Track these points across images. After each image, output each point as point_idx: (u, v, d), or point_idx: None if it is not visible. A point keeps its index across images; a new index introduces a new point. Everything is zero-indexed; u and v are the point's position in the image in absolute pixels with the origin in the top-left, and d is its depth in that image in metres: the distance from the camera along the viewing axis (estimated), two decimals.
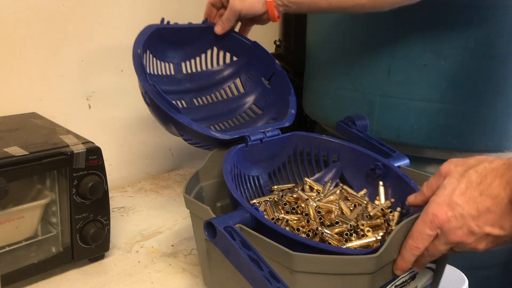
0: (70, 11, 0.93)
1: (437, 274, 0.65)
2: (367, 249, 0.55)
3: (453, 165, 0.54)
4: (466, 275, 0.77)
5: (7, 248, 0.69)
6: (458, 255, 0.96)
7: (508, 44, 0.88)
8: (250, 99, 0.94)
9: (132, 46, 0.79)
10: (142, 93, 0.78)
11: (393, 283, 0.56)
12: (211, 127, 0.89)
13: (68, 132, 0.77)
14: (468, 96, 0.90)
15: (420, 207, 0.56)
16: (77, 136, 0.74)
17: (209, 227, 0.54)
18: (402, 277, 0.58)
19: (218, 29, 0.90)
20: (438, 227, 0.51)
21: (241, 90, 0.95)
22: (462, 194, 0.50)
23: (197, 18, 1.16)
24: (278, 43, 1.27)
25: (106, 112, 1.04)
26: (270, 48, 1.28)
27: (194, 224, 0.65)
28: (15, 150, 0.66)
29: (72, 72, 0.96)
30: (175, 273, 0.75)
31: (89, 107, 1.01)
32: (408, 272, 0.58)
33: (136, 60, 0.77)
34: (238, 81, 0.96)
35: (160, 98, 0.73)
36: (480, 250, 0.52)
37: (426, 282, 0.64)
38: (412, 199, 0.59)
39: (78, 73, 0.97)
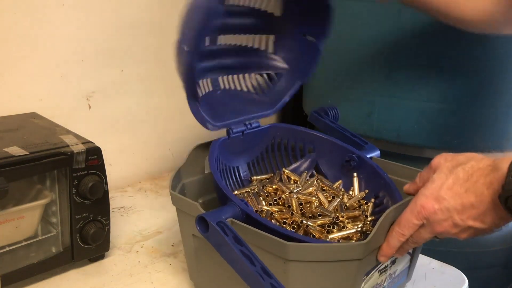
0: (70, 11, 0.93)
1: (413, 258, 0.70)
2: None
3: (443, 160, 0.58)
4: (466, 275, 0.77)
5: (7, 248, 0.69)
6: (458, 256, 0.96)
7: (507, 44, 0.88)
8: (280, 22, 0.80)
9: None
10: (177, 40, 0.64)
11: (377, 267, 0.59)
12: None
13: (68, 132, 0.77)
14: (468, 96, 0.90)
15: (395, 200, 0.63)
16: (77, 136, 0.74)
17: (201, 222, 0.55)
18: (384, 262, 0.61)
19: None
20: (425, 218, 0.55)
21: (278, 12, 0.80)
22: (449, 189, 0.54)
23: None
24: None
25: (106, 112, 1.04)
26: None
27: (181, 220, 0.67)
28: (15, 150, 0.66)
29: (72, 72, 0.96)
30: (175, 273, 0.75)
31: (89, 107, 1.01)
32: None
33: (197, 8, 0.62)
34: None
35: (188, 74, 0.65)
36: (461, 239, 0.55)
37: (404, 266, 0.68)
38: (406, 187, 0.64)
39: (78, 73, 0.97)
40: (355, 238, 0.65)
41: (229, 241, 0.52)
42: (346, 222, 0.67)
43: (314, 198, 0.72)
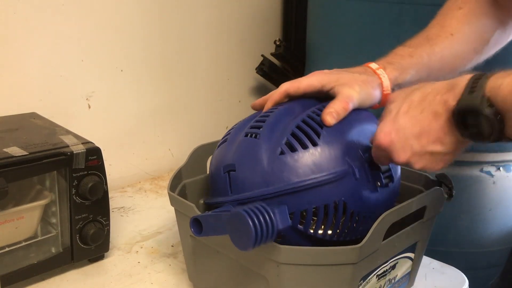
0: (70, 11, 0.93)
1: (415, 264, 0.68)
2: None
3: (398, 92, 0.56)
4: (466, 275, 0.77)
5: (7, 249, 0.69)
6: (458, 256, 0.96)
7: (508, 44, 0.87)
8: None
9: None
10: None
11: (375, 272, 0.58)
12: None
13: (68, 132, 0.77)
14: None
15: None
16: (77, 136, 0.74)
17: (195, 223, 0.55)
18: (383, 267, 0.60)
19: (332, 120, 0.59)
20: (385, 149, 0.52)
21: None
22: (405, 113, 0.51)
23: (202, 17, 1.16)
24: (278, 43, 1.26)
25: (106, 112, 1.04)
26: (270, 48, 1.28)
27: (179, 221, 0.67)
28: (15, 150, 0.66)
29: (72, 72, 0.96)
30: (175, 273, 0.75)
31: (89, 107, 1.01)
32: (388, 262, 0.61)
33: None
34: None
35: None
36: (417, 168, 0.52)
37: (405, 271, 0.66)
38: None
39: (78, 73, 0.97)
40: None
41: (219, 213, 0.52)
42: None
43: None
